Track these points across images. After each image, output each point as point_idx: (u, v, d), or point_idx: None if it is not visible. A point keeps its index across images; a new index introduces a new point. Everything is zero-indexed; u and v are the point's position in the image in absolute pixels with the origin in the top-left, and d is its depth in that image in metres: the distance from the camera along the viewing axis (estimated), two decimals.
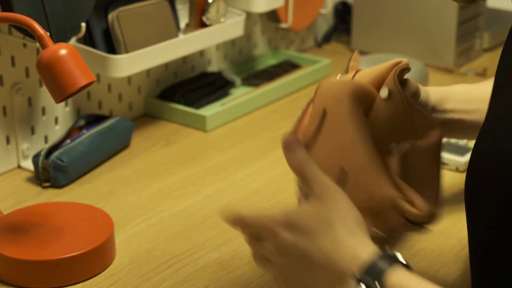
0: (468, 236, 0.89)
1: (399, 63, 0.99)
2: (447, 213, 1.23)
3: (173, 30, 1.51)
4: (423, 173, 0.97)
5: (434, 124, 0.98)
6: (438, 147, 0.98)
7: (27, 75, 1.37)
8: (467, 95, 1.09)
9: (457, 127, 1.09)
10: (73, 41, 1.36)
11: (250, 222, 0.90)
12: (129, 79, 1.56)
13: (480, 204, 0.83)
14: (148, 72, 1.59)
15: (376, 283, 0.80)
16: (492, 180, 0.79)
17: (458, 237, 1.16)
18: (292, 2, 1.78)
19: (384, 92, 0.98)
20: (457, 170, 1.35)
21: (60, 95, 1.02)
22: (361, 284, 0.80)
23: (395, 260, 0.82)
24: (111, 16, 1.41)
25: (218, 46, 1.72)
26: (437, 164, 0.98)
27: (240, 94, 1.64)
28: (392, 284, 0.80)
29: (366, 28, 1.93)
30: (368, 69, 1.03)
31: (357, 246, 0.82)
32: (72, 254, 1.07)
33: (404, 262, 0.82)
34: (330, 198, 0.85)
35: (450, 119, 1.08)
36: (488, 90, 1.00)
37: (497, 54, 1.99)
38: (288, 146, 0.95)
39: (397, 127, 0.97)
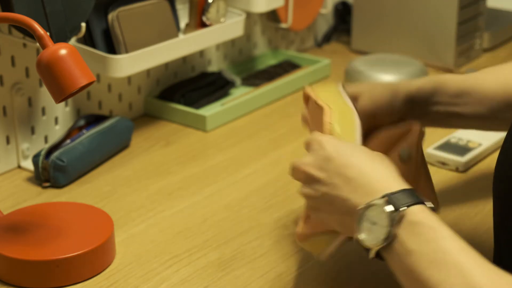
0: (494, 225, 0.93)
1: (411, 129, 1.05)
2: (448, 212, 1.23)
3: (173, 30, 1.51)
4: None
5: (434, 195, 1.08)
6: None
7: (27, 75, 1.37)
8: (459, 87, 1.10)
9: (444, 118, 1.10)
10: (73, 41, 1.36)
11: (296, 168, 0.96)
12: (129, 79, 1.56)
13: (509, 193, 0.86)
14: (148, 72, 1.59)
15: (405, 207, 0.82)
16: None
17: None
18: (292, 2, 1.78)
19: (405, 154, 1.03)
20: (457, 170, 1.35)
21: (60, 95, 1.02)
22: (389, 204, 0.82)
23: (422, 200, 0.84)
24: (111, 16, 1.41)
25: (218, 46, 1.72)
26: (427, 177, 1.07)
27: (240, 94, 1.64)
28: (416, 213, 0.82)
29: (366, 28, 1.93)
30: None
31: (389, 176, 0.87)
32: (72, 254, 1.07)
33: (429, 205, 0.84)
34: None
35: (436, 111, 1.09)
36: (481, 81, 1.04)
37: (497, 54, 2.01)
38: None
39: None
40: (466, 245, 0.79)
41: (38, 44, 1.03)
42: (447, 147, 1.38)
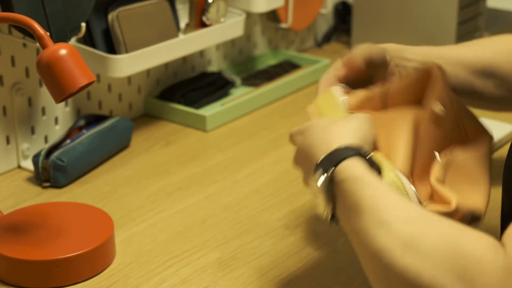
0: (502, 216, 0.93)
1: (431, 71, 1.00)
2: None
3: (173, 30, 1.51)
4: (472, 175, 0.97)
5: (484, 128, 1.00)
6: (488, 151, 0.99)
7: (27, 75, 1.37)
8: (425, 51, 1.11)
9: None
10: (73, 41, 1.36)
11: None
12: (129, 79, 1.56)
13: None
14: (148, 72, 1.59)
15: (332, 168, 0.85)
16: None
17: None
18: (292, 2, 1.78)
19: (437, 107, 0.98)
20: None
21: (60, 95, 1.02)
22: (320, 169, 0.86)
23: (359, 153, 0.86)
24: (111, 16, 1.41)
25: (218, 46, 1.72)
26: (486, 166, 0.99)
27: (240, 94, 1.64)
28: (343, 170, 0.84)
29: (366, 28, 1.93)
30: (394, 84, 1.04)
31: (336, 142, 0.89)
32: (72, 254, 1.07)
33: (367, 155, 0.87)
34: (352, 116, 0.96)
35: (408, 67, 1.10)
36: (448, 51, 1.07)
37: None
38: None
39: (448, 138, 0.97)
40: (385, 187, 0.82)
41: (38, 44, 1.03)
42: None
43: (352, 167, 0.85)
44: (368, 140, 0.93)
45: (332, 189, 0.86)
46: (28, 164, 1.37)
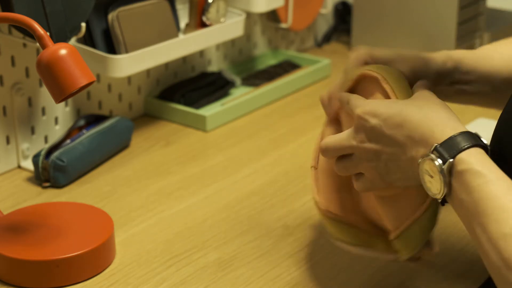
0: None
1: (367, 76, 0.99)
2: (450, 209, 1.23)
3: (173, 30, 1.51)
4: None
5: None
6: None
7: (27, 75, 1.37)
8: (470, 66, 1.10)
9: (453, 95, 1.10)
10: (73, 41, 1.36)
11: (331, 147, 0.96)
12: (129, 79, 1.56)
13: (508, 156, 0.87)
14: (148, 72, 1.59)
15: (450, 160, 0.83)
16: None
17: (462, 232, 1.16)
18: (292, 2, 1.78)
19: None
20: None
21: (60, 95, 1.02)
22: (435, 155, 0.84)
23: (477, 142, 0.84)
24: (111, 16, 1.41)
25: (218, 46, 1.72)
26: None
27: (240, 94, 1.64)
28: (463, 161, 0.83)
29: (366, 28, 1.93)
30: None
31: (447, 122, 0.86)
32: (72, 254, 1.07)
33: (485, 143, 0.85)
34: (424, 94, 0.93)
35: (449, 87, 1.09)
36: (489, 58, 1.07)
37: None
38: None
39: None
40: (509, 186, 0.80)
41: (38, 44, 1.03)
42: None
43: (474, 158, 0.83)
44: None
45: (450, 175, 0.84)
46: (28, 164, 1.37)
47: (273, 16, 1.81)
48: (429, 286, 1.07)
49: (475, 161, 0.83)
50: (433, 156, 0.85)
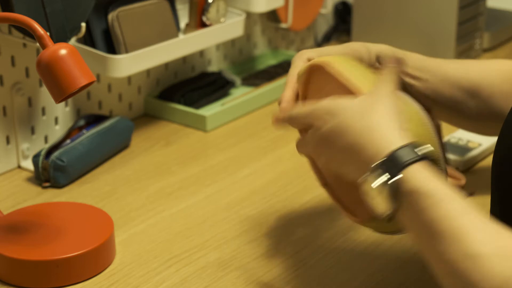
0: (491, 211, 0.93)
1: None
2: None
3: (173, 30, 1.51)
4: None
5: None
6: None
7: (27, 75, 1.37)
8: (421, 63, 1.12)
9: (405, 90, 1.09)
10: (73, 41, 1.36)
11: (297, 115, 0.95)
12: (129, 79, 1.56)
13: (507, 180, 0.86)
14: (148, 72, 1.59)
15: (398, 175, 0.80)
16: None
17: None
18: (292, 2, 1.78)
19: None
20: (457, 169, 1.35)
21: (60, 95, 1.02)
22: (380, 172, 0.81)
23: (423, 155, 0.81)
24: (111, 16, 1.41)
25: (218, 46, 1.72)
26: None
27: (240, 94, 1.64)
28: (409, 180, 0.80)
29: (366, 28, 1.93)
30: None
31: (388, 135, 0.83)
32: (72, 254, 1.07)
33: (427, 153, 0.82)
34: (376, 94, 0.88)
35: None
36: (439, 65, 1.07)
37: (497, 54, 2.01)
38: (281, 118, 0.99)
39: None
40: (463, 206, 0.77)
41: (38, 44, 1.03)
42: (447, 147, 1.38)
43: (420, 176, 0.80)
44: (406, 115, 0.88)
45: (396, 193, 0.81)
46: (28, 164, 1.37)
47: (273, 16, 1.81)
48: (429, 286, 1.07)
49: (420, 179, 0.80)
50: (375, 174, 0.82)
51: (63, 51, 1.01)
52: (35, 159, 1.32)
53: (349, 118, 0.86)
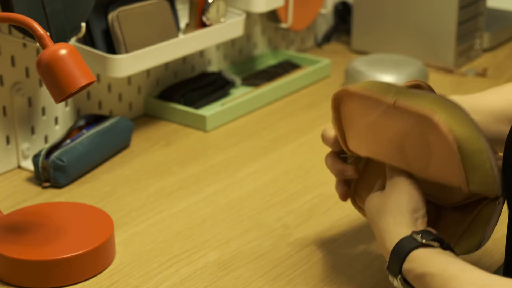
0: (508, 230, 0.94)
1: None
2: None
3: (173, 30, 1.51)
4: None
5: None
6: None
7: (27, 75, 1.37)
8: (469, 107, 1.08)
9: None
10: (73, 41, 1.36)
11: None
12: (129, 79, 1.56)
13: None
14: (148, 72, 1.59)
15: (399, 276, 0.89)
16: None
17: None
18: (292, 2, 1.78)
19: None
20: None
21: (60, 95, 1.02)
22: (389, 270, 0.91)
23: (420, 242, 0.89)
24: (111, 16, 1.41)
25: (218, 46, 1.72)
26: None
27: (240, 94, 1.64)
28: (411, 268, 0.88)
29: (366, 28, 1.93)
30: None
31: (394, 232, 0.91)
32: (72, 254, 1.07)
33: (430, 242, 0.89)
34: (392, 188, 0.96)
35: None
36: (478, 101, 1.02)
37: (497, 54, 2.01)
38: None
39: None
40: (463, 270, 0.85)
41: (38, 44, 1.03)
42: None
43: (420, 262, 0.88)
44: (420, 203, 0.95)
45: (406, 283, 0.90)
46: (28, 164, 1.37)
47: (273, 16, 1.81)
48: None
49: (420, 264, 0.87)
50: (388, 271, 0.91)
51: (63, 51, 1.01)
52: (35, 159, 1.32)
53: (369, 214, 0.98)
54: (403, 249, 0.89)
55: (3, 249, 1.07)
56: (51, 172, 1.31)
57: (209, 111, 1.56)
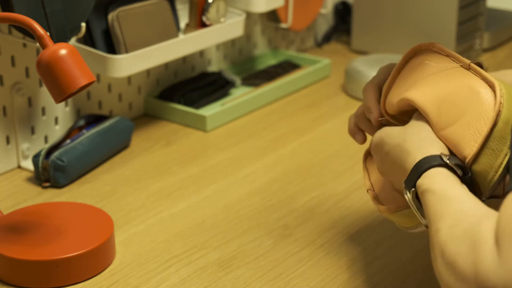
0: None
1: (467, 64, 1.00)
2: None
3: (173, 30, 1.51)
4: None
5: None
6: None
7: (27, 75, 1.37)
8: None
9: None
10: (73, 41, 1.36)
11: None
12: (129, 79, 1.56)
13: None
14: (148, 72, 1.59)
15: (413, 189, 0.88)
16: None
17: None
18: (292, 2, 1.78)
19: None
20: None
21: (60, 95, 1.02)
22: (406, 186, 0.89)
23: (444, 162, 0.87)
24: (111, 16, 1.41)
25: (218, 46, 1.72)
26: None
27: (240, 94, 1.64)
28: (423, 183, 0.87)
29: (366, 28, 1.93)
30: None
31: (424, 150, 0.90)
32: (72, 254, 1.07)
33: (443, 162, 0.88)
34: (418, 121, 0.96)
35: None
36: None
37: (497, 54, 2.00)
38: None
39: None
40: (450, 191, 0.84)
41: (38, 44, 1.02)
42: None
43: (425, 180, 0.87)
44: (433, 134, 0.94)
45: (419, 202, 0.89)
46: (28, 164, 1.37)
47: (273, 16, 1.81)
48: (429, 286, 1.07)
49: (432, 180, 0.86)
50: (404, 184, 0.90)
51: (63, 51, 1.01)
52: (35, 159, 1.32)
53: (392, 146, 0.96)
54: (426, 163, 0.88)
55: (3, 249, 1.07)
56: (51, 172, 1.31)
57: (209, 111, 1.56)
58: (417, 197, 0.89)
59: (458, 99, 0.93)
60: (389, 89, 1.04)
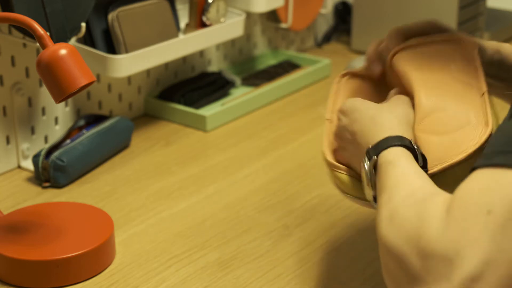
0: None
1: (463, 41, 1.04)
2: None
3: (173, 30, 1.51)
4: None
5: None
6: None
7: (27, 75, 1.37)
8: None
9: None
10: (73, 41, 1.36)
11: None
12: (129, 79, 1.56)
13: None
14: (148, 72, 1.59)
15: (375, 157, 0.88)
16: None
17: None
18: (292, 2, 1.78)
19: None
20: None
21: (60, 95, 1.02)
22: (366, 156, 0.90)
23: (404, 143, 0.89)
24: (111, 16, 1.41)
25: (218, 46, 1.72)
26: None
27: (240, 94, 1.64)
28: (382, 156, 0.88)
29: (366, 28, 1.93)
30: None
31: (392, 128, 0.92)
32: (72, 254, 1.07)
33: (412, 147, 0.89)
34: (400, 100, 0.99)
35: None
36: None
37: None
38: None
39: None
40: (408, 168, 0.85)
41: (38, 44, 1.03)
42: None
43: (391, 153, 0.88)
44: (411, 123, 0.95)
45: (374, 174, 0.90)
46: (28, 164, 1.37)
47: (273, 16, 1.81)
48: None
49: (391, 154, 0.88)
50: (366, 153, 0.90)
51: (63, 51, 1.01)
52: (35, 159, 1.32)
53: (362, 119, 0.96)
54: (396, 140, 0.89)
55: (3, 249, 1.07)
56: (51, 172, 1.31)
57: (209, 111, 1.56)
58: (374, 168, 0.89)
59: (452, 118, 0.95)
60: (409, 47, 1.06)
